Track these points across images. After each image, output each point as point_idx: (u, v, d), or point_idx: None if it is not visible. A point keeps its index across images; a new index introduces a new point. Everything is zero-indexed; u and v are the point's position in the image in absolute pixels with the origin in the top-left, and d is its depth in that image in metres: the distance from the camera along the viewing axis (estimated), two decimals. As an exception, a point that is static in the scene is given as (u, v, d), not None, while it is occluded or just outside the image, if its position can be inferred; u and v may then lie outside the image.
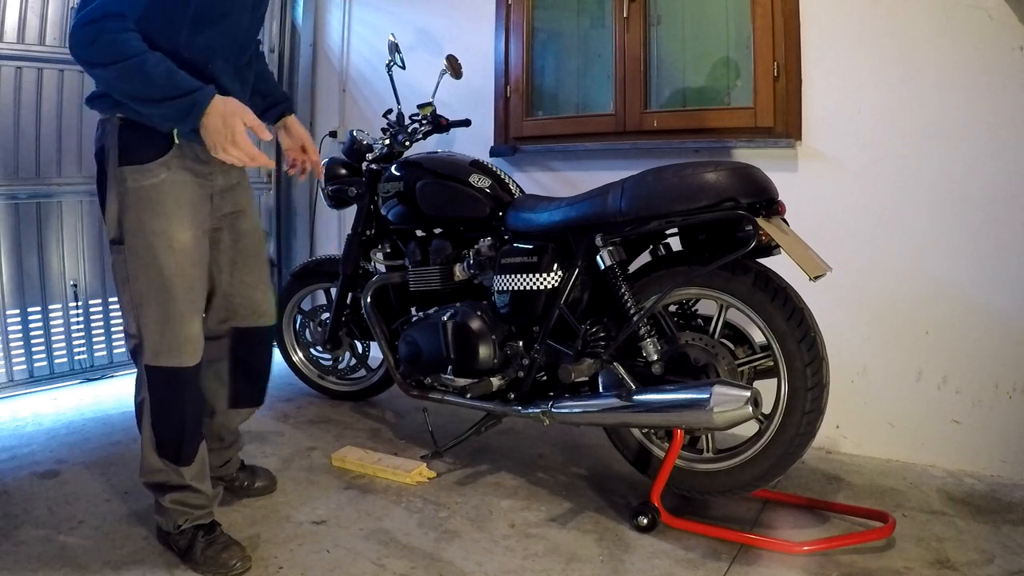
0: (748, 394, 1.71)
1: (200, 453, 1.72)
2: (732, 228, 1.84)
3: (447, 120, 2.69)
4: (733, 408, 1.71)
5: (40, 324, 3.01)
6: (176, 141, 1.60)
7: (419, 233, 2.48)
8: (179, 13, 1.52)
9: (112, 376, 3.24)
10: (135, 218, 1.59)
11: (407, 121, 2.69)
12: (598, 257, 1.99)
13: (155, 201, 1.59)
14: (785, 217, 1.85)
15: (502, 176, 2.34)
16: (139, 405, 1.69)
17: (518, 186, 2.37)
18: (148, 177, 1.58)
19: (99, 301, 3.19)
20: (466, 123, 2.75)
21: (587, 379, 1.96)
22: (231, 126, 1.49)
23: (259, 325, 1.87)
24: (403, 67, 2.74)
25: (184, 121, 1.49)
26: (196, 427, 1.72)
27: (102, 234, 3.16)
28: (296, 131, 2.06)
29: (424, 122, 2.65)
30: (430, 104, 2.68)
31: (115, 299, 3.24)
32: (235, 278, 1.81)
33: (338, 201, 2.74)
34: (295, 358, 3.07)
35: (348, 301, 2.76)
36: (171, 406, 1.67)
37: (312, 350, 3.03)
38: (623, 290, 1.95)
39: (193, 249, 1.64)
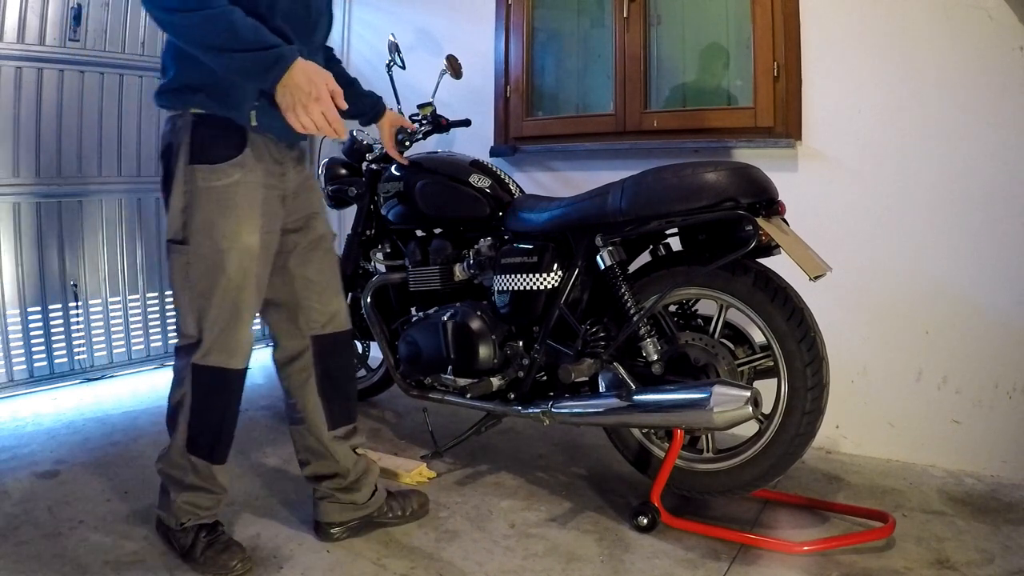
0: (748, 394, 1.71)
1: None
2: (732, 228, 1.84)
3: (447, 120, 2.69)
4: (733, 408, 1.71)
5: (40, 324, 3.01)
6: (253, 123, 1.55)
7: (419, 233, 2.48)
8: None
9: (112, 376, 3.24)
10: (204, 218, 1.56)
11: (409, 120, 2.69)
12: (598, 257, 1.99)
13: (226, 202, 1.55)
14: (785, 217, 1.85)
15: (502, 176, 2.34)
16: (176, 401, 1.66)
17: (518, 186, 2.37)
18: (221, 177, 1.55)
19: (99, 301, 3.19)
20: (466, 123, 2.75)
21: (587, 379, 1.96)
22: (316, 83, 1.44)
23: (339, 330, 1.81)
24: (403, 67, 2.74)
25: (266, 75, 1.42)
26: (232, 429, 1.71)
27: (102, 234, 3.17)
28: (392, 121, 2.23)
29: (424, 122, 2.65)
30: (430, 104, 2.67)
31: (116, 299, 3.24)
32: (308, 282, 1.75)
33: (338, 201, 2.74)
34: (295, 358, 3.06)
35: (348, 301, 2.76)
36: (213, 406, 1.65)
37: (312, 350, 3.02)
38: (623, 290, 1.95)
39: (260, 252, 1.62)
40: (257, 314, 1.71)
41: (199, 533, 1.69)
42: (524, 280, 2.09)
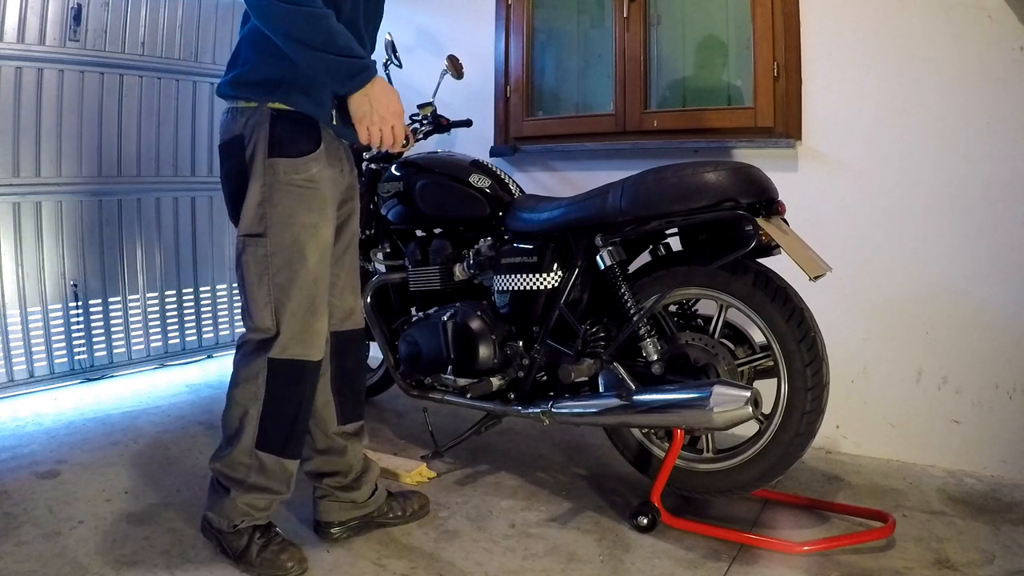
0: (748, 394, 1.71)
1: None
2: (732, 228, 1.84)
3: (447, 120, 2.69)
4: (733, 408, 1.71)
5: (40, 324, 3.01)
6: (333, 122, 1.60)
7: (419, 233, 2.48)
8: None
9: (112, 376, 3.24)
10: (284, 211, 1.57)
11: (407, 121, 2.69)
12: (598, 257, 1.99)
13: (308, 195, 1.58)
14: (785, 217, 1.85)
15: (502, 176, 2.34)
16: (244, 398, 1.63)
17: (518, 186, 2.37)
18: (301, 171, 1.57)
19: (99, 301, 3.19)
20: (466, 123, 2.75)
21: (587, 379, 1.96)
22: (394, 100, 1.55)
23: (356, 327, 1.84)
24: (400, 66, 2.74)
25: (350, 80, 1.51)
26: (307, 422, 1.71)
27: (102, 234, 3.17)
28: None
29: (424, 122, 2.65)
30: (430, 104, 2.68)
31: (116, 299, 3.24)
32: (337, 279, 1.77)
33: (338, 201, 2.73)
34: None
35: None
36: (290, 399, 1.64)
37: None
38: (623, 290, 1.95)
39: (332, 245, 1.66)
40: None
41: (253, 535, 1.67)
42: (524, 280, 2.09)
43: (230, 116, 1.62)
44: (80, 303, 3.12)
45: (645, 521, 1.86)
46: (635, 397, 1.87)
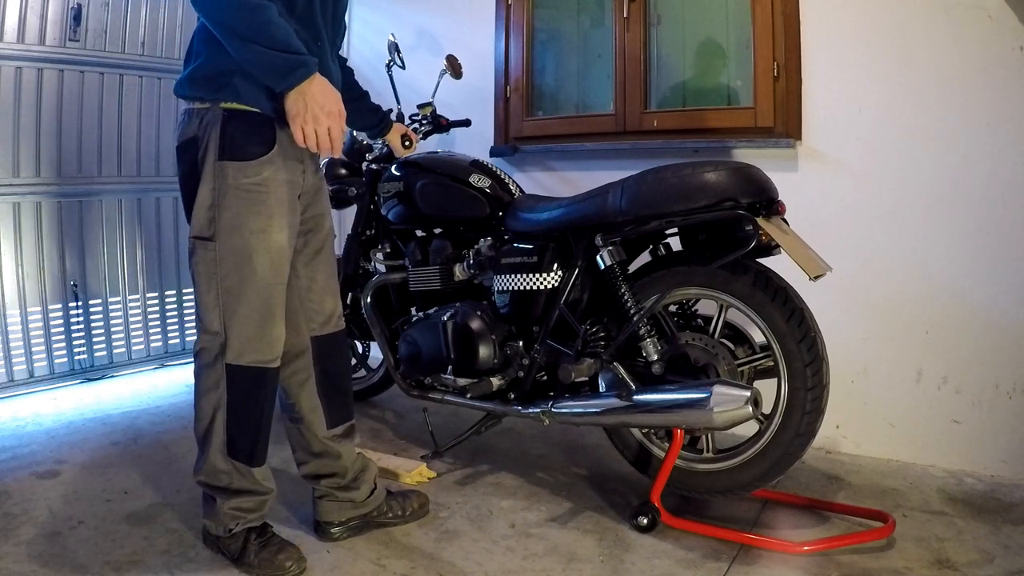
0: (748, 394, 1.71)
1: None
2: (732, 228, 1.84)
3: (447, 120, 2.69)
4: (733, 408, 1.71)
5: (40, 324, 3.01)
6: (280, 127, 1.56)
7: (419, 233, 2.48)
8: None
9: (112, 376, 3.24)
10: (233, 215, 1.54)
11: (407, 121, 2.69)
12: (598, 257, 1.99)
13: (257, 199, 1.55)
14: (785, 217, 1.85)
15: (502, 176, 2.34)
16: (209, 405, 1.62)
17: (518, 186, 2.37)
18: (251, 174, 1.54)
19: (99, 301, 3.19)
20: (466, 123, 2.75)
21: (587, 379, 1.96)
22: (331, 99, 1.49)
23: (336, 331, 1.81)
24: (403, 67, 2.74)
25: (286, 76, 1.45)
26: (269, 427, 1.70)
27: (103, 234, 3.17)
28: (398, 132, 2.27)
29: (424, 122, 2.65)
30: (430, 104, 2.68)
31: (116, 299, 3.24)
32: (312, 283, 1.76)
33: (338, 201, 2.73)
34: (295, 358, 3.06)
35: (348, 301, 2.76)
36: (252, 405, 1.62)
37: (312, 350, 3.02)
38: (623, 290, 1.95)
39: (287, 249, 1.62)
40: None
41: (248, 537, 1.67)
42: (524, 280, 2.09)
43: (186, 117, 1.58)
44: (80, 303, 3.12)
45: (645, 521, 1.86)
46: (635, 397, 1.87)
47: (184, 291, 3.50)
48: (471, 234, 2.33)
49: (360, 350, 2.92)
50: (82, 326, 3.14)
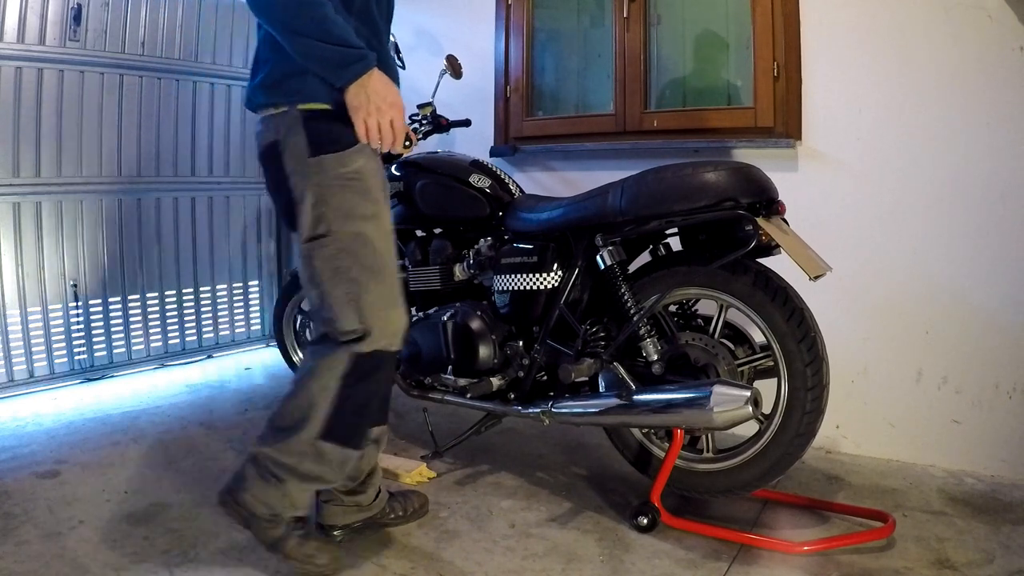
0: (748, 394, 1.71)
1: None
2: (732, 228, 1.84)
3: (447, 120, 2.69)
4: (733, 408, 1.71)
5: (40, 324, 3.01)
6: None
7: (419, 233, 2.48)
8: None
9: (112, 376, 3.24)
10: (343, 206, 1.53)
11: (407, 121, 2.69)
12: (598, 257, 1.99)
13: (361, 187, 1.54)
14: (785, 217, 1.85)
15: (502, 176, 2.34)
16: (313, 392, 1.58)
17: (518, 186, 2.37)
18: (349, 163, 1.53)
19: (99, 301, 3.19)
20: (466, 123, 2.75)
21: (587, 379, 1.96)
22: (392, 91, 1.49)
23: None
24: (403, 67, 2.74)
25: (345, 70, 1.45)
26: (379, 410, 1.68)
27: (102, 234, 3.17)
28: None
29: (424, 122, 2.65)
30: (430, 104, 2.67)
31: (116, 299, 3.24)
32: None
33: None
34: (295, 358, 3.06)
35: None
36: (367, 391, 1.59)
37: (312, 350, 3.02)
38: (623, 290, 1.95)
39: (392, 234, 1.62)
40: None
41: (292, 526, 1.65)
42: (524, 280, 2.09)
43: (263, 125, 1.57)
44: (80, 303, 3.12)
45: (645, 521, 1.86)
46: (635, 397, 1.87)
47: (184, 291, 3.50)
48: (471, 234, 2.33)
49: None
50: (82, 326, 3.14)
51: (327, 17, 1.42)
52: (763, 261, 1.87)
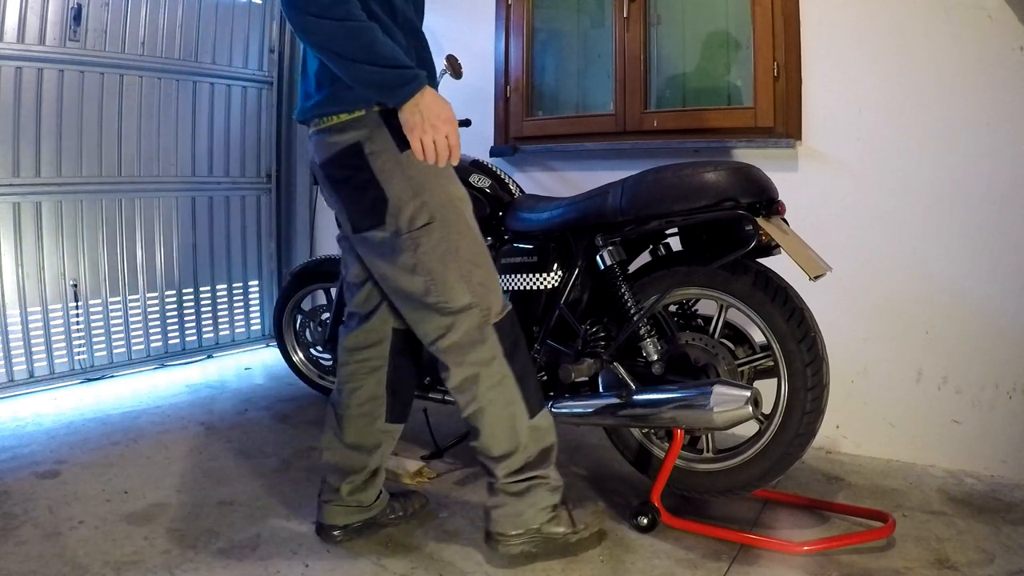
0: (748, 394, 1.71)
1: None
2: (732, 228, 1.84)
3: (447, 120, 2.68)
4: (733, 408, 1.71)
5: (40, 324, 3.01)
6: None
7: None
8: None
9: (112, 376, 3.24)
10: (442, 193, 1.60)
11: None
12: (598, 257, 1.99)
13: (448, 172, 1.62)
14: (785, 217, 1.85)
15: (502, 176, 2.34)
16: (497, 401, 1.64)
17: (518, 186, 2.37)
18: None
19: (99, 301, 3.19)
20: (466, 123, 2.74)
21: (587, 379, 1.96)
22: (446, 108, 1.54)
23: (404, 328, 1.80)
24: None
25: (400, 90, 1.49)
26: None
27: (102, 234, 3.17)
28: None
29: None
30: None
31: (116, 299, 3.24)
32: None
33: (338, 201, 2.73)
34: (295, 358, 3.07)
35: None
36: (522, 347, 1.69)
37: (312, 350, 3.03)
38: (623, 290, 1.95)
39: None
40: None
41: (563, 503, 1.74)
42: (524, 280, 2.09)
43: (332, 131, 1.59)
44: (80, 303, 3.12)
45: (645, 521, 1.86)
46: (635, 397, 1.87)
47: (184, 291, 3.50)
48: (471, 234, 2.33)
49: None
50: (82, 326, 3.14)
51: (376, 40, 1.47)
52: (763, 261, 1.87)
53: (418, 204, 1.58)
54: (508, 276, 2.12)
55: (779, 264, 1.81)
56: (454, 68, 2.66)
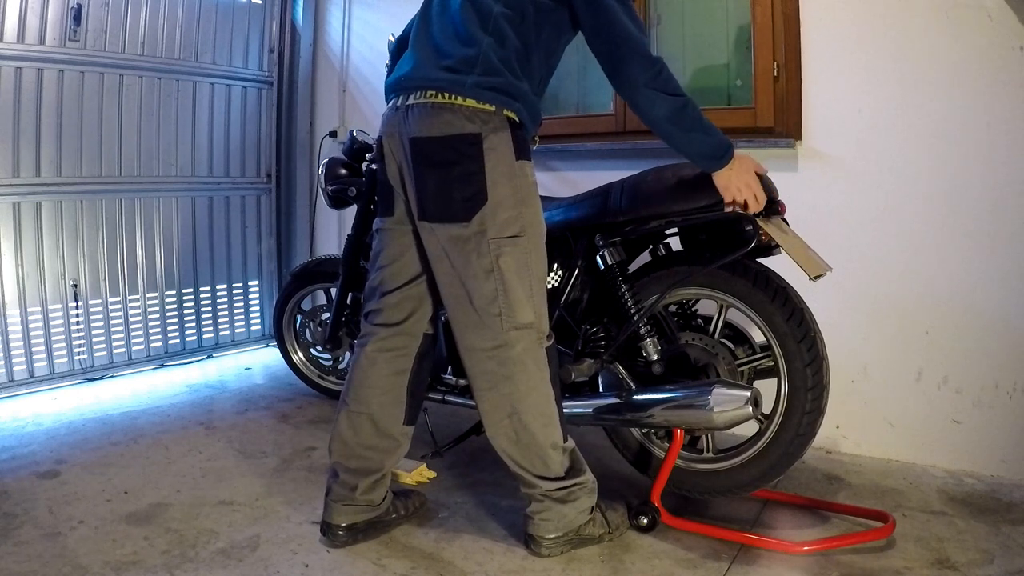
0: (748, 394, 1.71)
1: None
2: (732, 228, 1.84)
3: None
4: (733, 408, 1.72)
5: (40, 324, 3.01)
6: (535, 146, 1.75)
7: (419, 233, 2.47)
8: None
9: (112, 376, 3.24)
10: (534, 211, 1.67)
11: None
12: (598, 257, 1.99)
13: (537, 194, 1.70)
14: (785, 217, 1.85)
15: (502, 176, 2.34)
16: (539, 400, 1.68)
17: (518, 186, 2.36)
18: (532, 173, 1.69)
19: (99, 301, 3.19)
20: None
21: (587, 379, 1.96)
22: (750, 166, 1.71)
23: (432, 333, 1.85)
24: None
25: (720, 159, 1.67)
26: None
27: (102, 234, 3.17)
28: None
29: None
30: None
31: (116, 299, 3.24)
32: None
33: (338, 201, 2.73)
34: (295, 358, 3.07)
35: (348, 301, 2.76)
36: (558, 383, 1.75)
37: (312, 350, 3.03)
38: (623, 290, 1.95)
39: None
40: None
41: (599, 506, 1.79)
42: (524, 280, 2.09)
43: (455, 113, 1.57)
44: (80, 303, 3.12)
45: (645, 521, 1.86)
46: (635, 397, 1.87)
47: (184, 291, 3.50)
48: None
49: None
50: (82, 326, 3.14)
51: (699, 113, 1.63)
52: (763, 261, 1.87)
53: (515, 214, 1.62)
54: (508, 276, 2.12)
55: (779, 264, 1.81)
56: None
